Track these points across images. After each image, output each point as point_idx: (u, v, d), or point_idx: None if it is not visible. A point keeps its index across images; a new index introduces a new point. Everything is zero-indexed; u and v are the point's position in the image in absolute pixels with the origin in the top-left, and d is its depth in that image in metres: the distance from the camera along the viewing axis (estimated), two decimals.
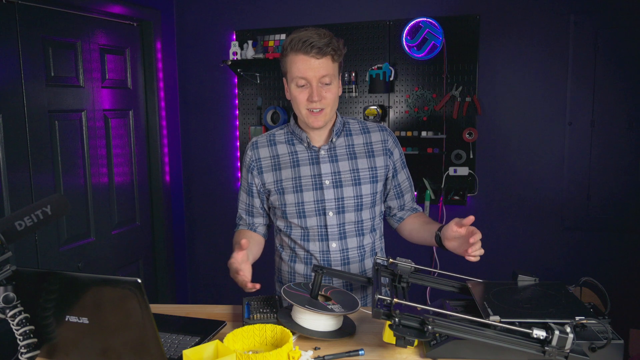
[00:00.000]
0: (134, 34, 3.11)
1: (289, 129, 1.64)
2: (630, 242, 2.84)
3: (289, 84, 1.53)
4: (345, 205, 1.56)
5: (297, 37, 1.46)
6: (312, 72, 1.46)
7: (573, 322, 1.09)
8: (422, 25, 2.95)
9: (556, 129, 2.91)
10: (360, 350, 1.21)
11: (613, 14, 2.74)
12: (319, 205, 1.56)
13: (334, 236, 1.58)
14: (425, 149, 3.04)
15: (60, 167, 2.58)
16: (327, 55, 1.46)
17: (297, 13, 3.21)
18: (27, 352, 1.01)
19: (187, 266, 3.64)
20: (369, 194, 1.58)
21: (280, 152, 1.61)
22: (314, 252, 1.60)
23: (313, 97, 1.47)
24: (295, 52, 1.46)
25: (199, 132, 3.51)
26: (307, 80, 1.47)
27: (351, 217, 1.58)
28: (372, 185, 1.59)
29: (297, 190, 1.57)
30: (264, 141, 1.63)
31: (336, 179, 1.57)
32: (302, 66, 1.46)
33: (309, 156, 1.59)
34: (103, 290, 1.03)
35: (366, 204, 1.59)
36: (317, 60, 1.45)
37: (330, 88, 1.49)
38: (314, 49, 1.44)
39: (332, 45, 1.46)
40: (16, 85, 2.36)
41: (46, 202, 1.02)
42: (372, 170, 1.59)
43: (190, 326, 1.36)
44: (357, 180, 1.57)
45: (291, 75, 1.49)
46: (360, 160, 1.59)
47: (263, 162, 1.61)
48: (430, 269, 1.36)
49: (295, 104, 1.52)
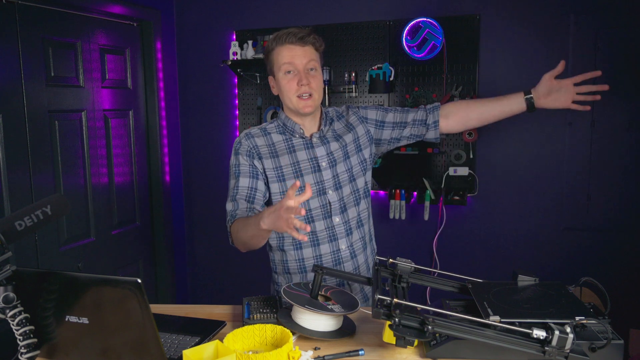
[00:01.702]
0: (134, 34, 3.11)
1: (279, 122, 1.70)
2: (630, 242, 2.84)
3: (276, 75, 1.62)
4: (341, 180, 1.66)
5: (279, 33, 1.60)
6: (298, 59, 1.57)
7: (573, 322, 1.09)
8: (422, 25, 2.95)
9: (556, 129, 2.91)
10: (360, 350, 1.21)
11: (613, 14, 2.74)
12: (319, 187, 1.64)
13: (336, 211, 1.65)
14: (425, 149, 3.04)
15: (60, 167, 2.58)
16: (309, 43, 1.59)
17: (297, 13, 3.21)
18: (27, 352, 1.01)
19: (187, 266, 3.64)
20: (357, 163, 1.69)
21: (275, 140, 1.66)
22: (320, 231, 1.64)
23: (302, 80, 1.57)
24: (280, 44, 1.58)
25: (199, 132, 3.51)
26: (294, 66, 1.57)
27: (347, 189, 1.67)
28: (358, 154, 1.70)
29: (297, 175, 1.63)
30: (258, 132, 1.69)
31: (331, 159, 1.66)
32: (288, 53, 1.57)
33: (303, 142, 1.67)
34: (103, 290, 1.03)
35: (357, 173, 1.69)
36: (301, 47, 1.58)
37: (315, 74, 1.60)
38: (297, 38, 1.57)
39: (312, 35, 1.60)
40: (16, 85, 2.36)
41: (46, 202, 1.02)
42: (356, 142, 1.71)
43: (190, 326, 1.36)
44: (346, 154, 1.68)
45: (278, 65, 1.60)
46: (346, 136, 1.70)
47: (261, 149, 1.65)
48: (430, 269, 1.36)
49: (284, 92, 1.61)
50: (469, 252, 3.11)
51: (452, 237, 3.10)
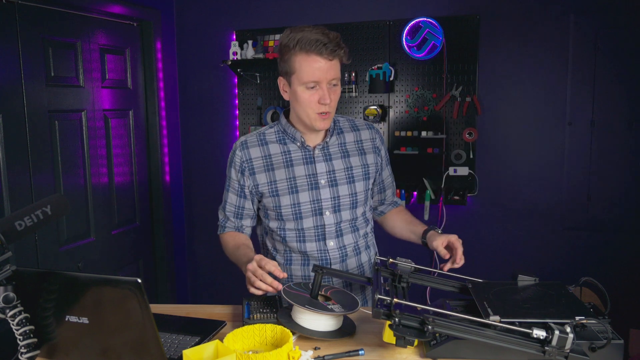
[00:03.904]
0: (134, 34, 3.11)
1: (279, 127, 1.58)
2: (630, 242, 2.84)
3: (293, 84, 1.46)
4: (341, 204, 1.56)
5: (306, 37, 1.39)
6: (324, 74, 1.42)
7: (573, 322, 1.09)
8: (422, 25, 2.95)
9: (556, 129, 2.91)
10: (360, 350, 1.21)
11: (613, 14, 2.74)
12: (315, 205, 1.54)
13: (331, 235, 1.57)
14: (425, 149, 3.04)
15: (60, 167, 2.58)
16: (338, 57, 1.43)
17: (297, 13, 3.21)
18: (27, 352, 1.01)
19: (187, 266, 3.64)
20: (362, 191, 1.59)
21: (272, 151, 1.55)
22: (312, 252, 1.57)
23: (325, 99, 1.43)
24: (306, 52, 1.40)
25: (199, 132, 3.51)
26: (317, 82, 1.43)
27: (347, 215, 1.57)
28: (365, 182, 1.60)
29: (292, 191, 1.53)
30: (254, 140, 1.57)
31: (331, 178, 1.55)
32: (314, 67, 1.40)
33: (303, 155, 1.55)
34: (103, 290, 1.03)
35: (360, 201, 1.59)
36: (329, 62, 1.41)
37: (336, 90, 1.47)
38: (327, 50, 1.39)
39: (342, 47, 1.43)
40: (16, 85, 2.36)
41: (46, 202, 1.02)
42: (365, 168, 1.60)
43: (190, 326, 1.36)
44: (351, 178, 1.57)
45: (298, 76, 1.43)
46: (353, 158, 1.58)
47: (255, 162, 1.55)
48: (430, 269, 1.36)
49: (302, 106, 1.46)
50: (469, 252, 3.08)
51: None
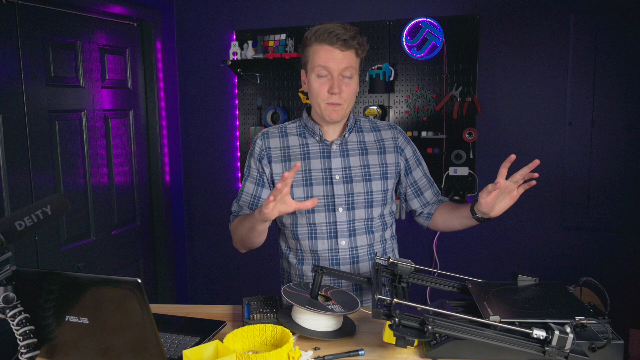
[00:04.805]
0: (134, 34, 3.11)
1: (301, 122, 1.62)
2: (630, 242, 2.84)
3: (308, 74, 1.51)
4: (355, 202, 1.55)
5: (323, 28, 1.44)
6: (335, 64, 1.44)
7: (573, 322, 1.09)
8: (422, 25, 2.95)
9: (556, 129, 2.91)
10: (360, 350, 1.21)
11: (613, 14, 2.74)
12: (328, 201, 1.54)
13: (343, 233, 1.55)
14: (425, 149, 3.04)
15: (60, 167, 2.58)
16: (352, 48, 1.45)
17: (297, 13, 3.21)
18: (27, 352, 1.01)
19: (187, 266, 3.64)
20: (379, 191, 1.57)
21: (291, 143, 1.58)
22: (322, 251, 1.56)
23: (333, 88, 1.45)
24: (319, 42, 1.45)
25: (199, 132, 3.51)
26: (328, 70, 1.46)
27: (361, 213, 1.56)
28: (383, 182, 1.58)
29: (306, 183, 1.54)
30: (275, 132, 1.61)
31: (346, 174, 1.55)
32: (325, 56, 1.44)
33: (320, 149, 1.57)
34: (103, 290, 1.03)
35: (377, 200, 1.57)
36: (341, 52, 1.44)
37: (350, 83, 1.48)
38: (340, 41, 1.43)
39: (357, 39, 1.45)
40: (16, 85, 2.36)
41: (46, 202, 1.02)
42: (383, 167, 1.59)
43: (190, 326, 1.36)
44: (368, 176, 1.56)
45: (312, 65, 1.47)
46: (371, 157, 1.58)
47: (273, 152, 1.58)
48: (430, 269, 1.36)
49: (313, 95, 1.50)
50: (469, 252, 3.11)
51: (452, 237, 3.10)
